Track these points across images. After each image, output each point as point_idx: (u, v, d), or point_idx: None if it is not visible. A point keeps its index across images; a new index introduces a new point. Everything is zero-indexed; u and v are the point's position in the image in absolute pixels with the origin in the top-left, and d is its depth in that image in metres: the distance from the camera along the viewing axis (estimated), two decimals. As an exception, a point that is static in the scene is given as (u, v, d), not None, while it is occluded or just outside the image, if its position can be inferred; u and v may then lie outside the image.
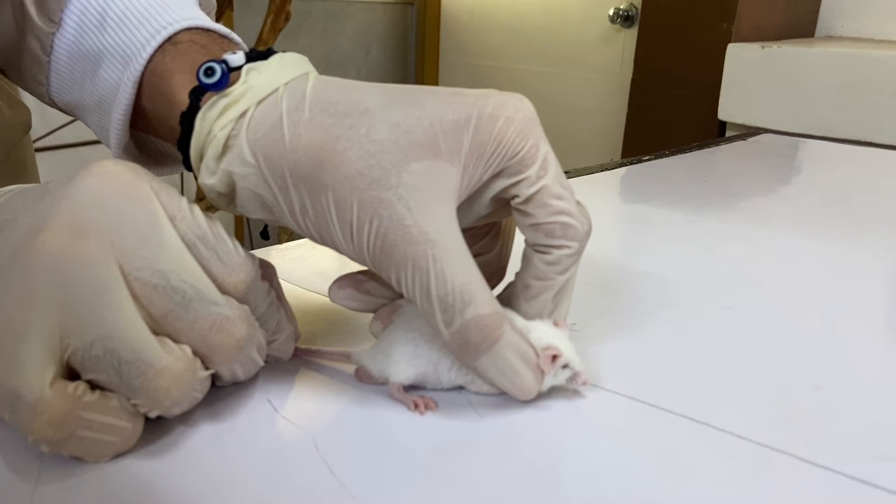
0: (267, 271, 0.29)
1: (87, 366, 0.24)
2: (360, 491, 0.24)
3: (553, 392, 0.29)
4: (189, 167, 0.30)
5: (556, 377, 0.29)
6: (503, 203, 0.29)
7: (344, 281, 0.30)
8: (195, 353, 0.25)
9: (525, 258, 0.30)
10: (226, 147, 0.28)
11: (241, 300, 0.27)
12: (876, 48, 1.27)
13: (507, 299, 0.30)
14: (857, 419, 0.29)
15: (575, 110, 2.02)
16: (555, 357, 0.28)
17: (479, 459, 0.26)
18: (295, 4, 1.51)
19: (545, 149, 0.29)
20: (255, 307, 0.27)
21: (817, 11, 1.64)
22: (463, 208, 0.29)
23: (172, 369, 0.24)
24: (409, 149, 0.27)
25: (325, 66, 2.13)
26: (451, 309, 0.26)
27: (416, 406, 0.28)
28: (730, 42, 1.36)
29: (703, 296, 0.42)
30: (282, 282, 0.30)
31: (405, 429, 0.27)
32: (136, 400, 0.24)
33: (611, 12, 1.90)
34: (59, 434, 0.23)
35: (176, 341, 0.25)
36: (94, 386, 0.25)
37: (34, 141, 1.58)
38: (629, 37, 1.87)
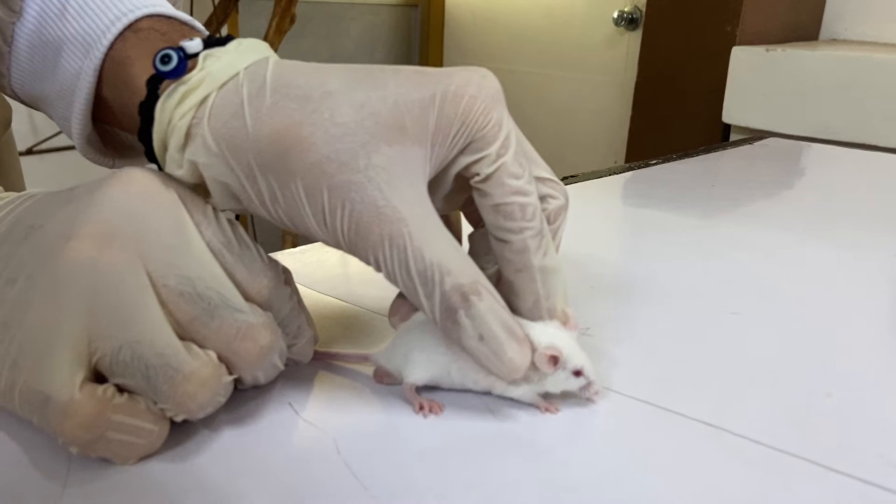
0: (285, 276, 0.29)
1: (114, 371, 0.25)
2: (382, 493, 0.24)
3: (567, 395, 0.30)
4: (152, 158, 0.29)
5: (567, 382, 0.29)
6: (464, 184, 0.29)
7: (403, 309, 0.30)
8: (219, 358, 0.26)
9: (498, 258, 0.29)
10: (188, 136, 0.27)
11: (265, 304, 0.27)
12: (879, 51, 1.28)
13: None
14: (869, 425, 0.30)
15: (579, 113, 2.02)
16: (554, 359, 0.28)
17: (496, 462, 0.26)
18: (299, 7, 1.52)
19: (508, 127, 0.28)
20: (278, 311, 0.28)
21: (821, 14, 1.64)
22: (429, 188, 0.29)
23: (199, 375, 0.25)
24: (375, 130, 0.26)
25: (330, 67, 2.12)
26: (430, 282, 0.26)
27: (422, 408, 0.29)
28: (734, 45, 1.36)
29: (712, 301, 0.42)
30: (297, 286, 0.31)
31: (424, 431, 0.28)
32: (162, 404, 0.25)
33: (615, 15, 1.90)
34: (89, 436, 0.24)
35: (201, 347, 0.25)
36: (121, 389, 0.25)
37: (40, 143, 1.58)
38: (633, 39, 1.87)
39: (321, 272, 0.43)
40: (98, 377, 0.25)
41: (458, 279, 0.26)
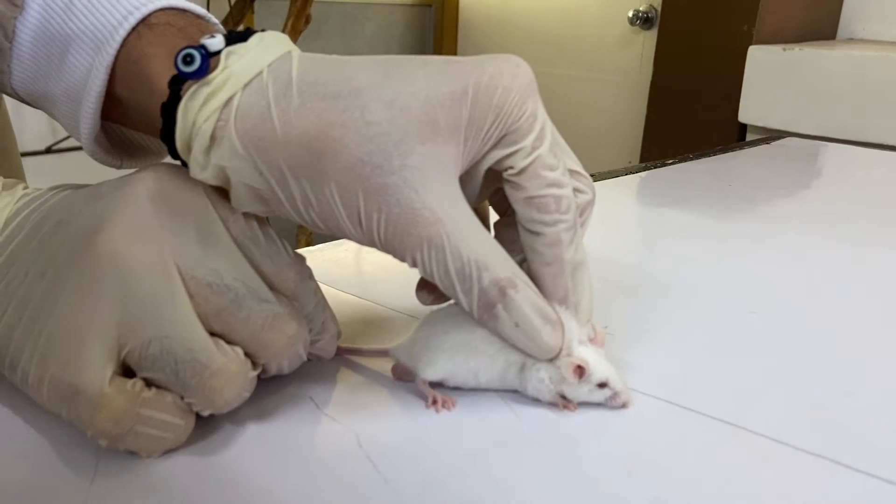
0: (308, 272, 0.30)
1: (143, 364, 0.25)
2: (404, 486, 0.24)
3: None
4: (176, 157, 0.28)
5: (591, 395, 0.29)
6: (495, 176, 0.29)
7: (431, 284, 0.30)
8: (246, 349, 0.26)
9: (527, 249, 0.29)
10: (213, 139, 0.26)
11: (291, 298, 0.28)
12: (898, 51, 1.27)
13: None
14: (888, 423, 0.30)
15: (593, 112, 2.02)
16: (580, 369, 0.28)
17: (515, 456, 0.26)
18: (314, 7, 1.52)
19: (542, 117, 0.28)
20: (304, 306, 0.28)
21: (838, 14, 1.63)
22: (460, 182, 0.28)
23: (227, 370, 0.25)
24: (408, 128, 0.26)
25: (344, 67, 2.13)
26: (468, 279, 0.26)
27: (434, 402, 0.29)
28: (751, 44, 1.36)
29: (730, 300, 0.42)
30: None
31: (444, 427, 0.28)
32: (190, 399, 0.25)
33: (630, 14, 1.90)
34: (118, 429, 0.24)
35: (228, 339, 0.26)
36: (148, 384, 0.25)
37: (59, 141, 1.59)
38: (649, 39, 1.86)
39: (336, 270, 0.44)
40: (126, 371, 0.25)
41: (496, 274, 0.27)
